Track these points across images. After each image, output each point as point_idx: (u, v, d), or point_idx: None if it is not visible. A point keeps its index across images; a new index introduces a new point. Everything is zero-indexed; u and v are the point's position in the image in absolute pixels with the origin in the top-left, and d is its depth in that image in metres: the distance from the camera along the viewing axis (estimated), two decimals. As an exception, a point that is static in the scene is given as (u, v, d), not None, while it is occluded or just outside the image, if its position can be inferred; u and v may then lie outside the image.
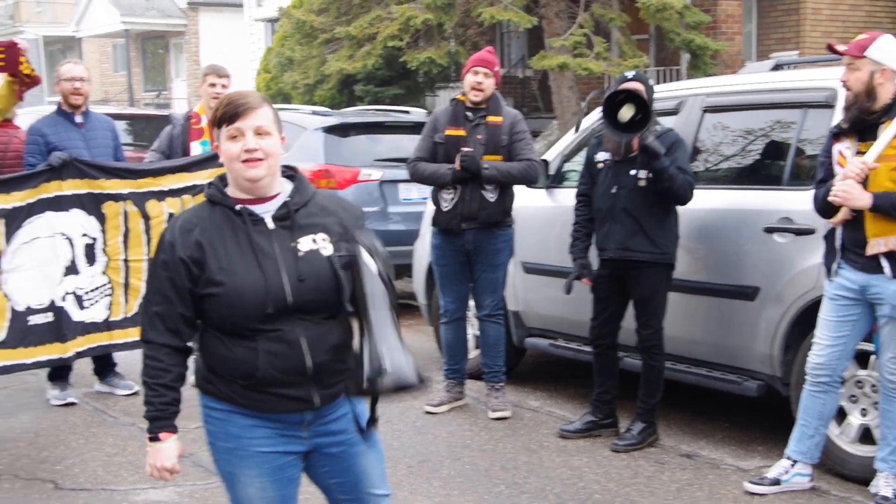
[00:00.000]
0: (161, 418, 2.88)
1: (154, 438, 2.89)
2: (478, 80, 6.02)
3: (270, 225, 2.86)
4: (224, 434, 2.91)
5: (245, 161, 2.81)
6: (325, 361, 2.84)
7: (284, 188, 2.93)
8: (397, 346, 2.72)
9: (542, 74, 17.67)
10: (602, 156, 5.61)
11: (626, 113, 5.24)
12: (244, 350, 2.81)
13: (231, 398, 2.87)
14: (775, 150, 5.71)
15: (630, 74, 5.52)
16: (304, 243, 2.85)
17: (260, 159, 2.81)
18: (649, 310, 5.47)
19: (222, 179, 2.92)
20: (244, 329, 2.80)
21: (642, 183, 5.40)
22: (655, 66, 16.83)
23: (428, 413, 6.16)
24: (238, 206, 2.86)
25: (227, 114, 2.83)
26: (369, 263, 2.78)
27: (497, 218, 6.05)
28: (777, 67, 6.06)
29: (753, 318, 5.32)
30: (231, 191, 2.90)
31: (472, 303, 6.41)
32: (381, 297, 2.76)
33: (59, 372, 6.55)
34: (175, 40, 34.76)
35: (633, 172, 5.43)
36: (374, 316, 2.73)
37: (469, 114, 6.06)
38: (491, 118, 6.03)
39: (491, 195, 6.00)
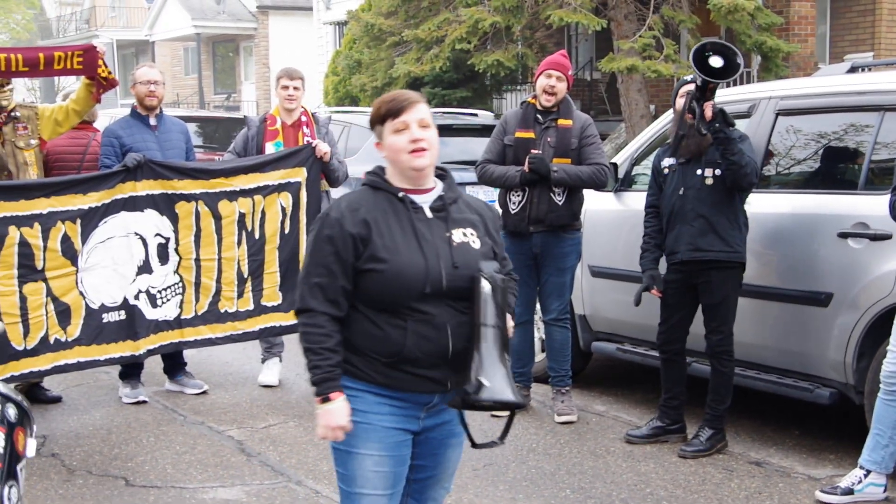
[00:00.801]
0: (330, 379, 2.99)
1: (325, 399, 2.98)
2: (551, 84, 5.99)
3: (428, 214, 3.03)
4: (351, 409, 3.01)
5: (412, 151, 3.00)
6: (463, 348, 2.97)
7: (437, 184, 3.13)
8: (499, 365, 2.89)
9: (609, 77, 17.56)
10: (668, 162, 5.57)
11: (714, 63, 5.25)
12: (393, 328, 2.97)
13: (369, 377, 3.01)
14: (850, 154, 5.61)
15: (690, 78, 5.49)
16: (457, 235, 3.05)
17: (425, 149, 3.01)
18: (719, 315, 5.40)
19: (382, 169, 3.11)
20: (398, 307, 2.95)
21: (709, 181, 5.36)
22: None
23: (493, 416, 6.15)
24: (401, 194, 3.04)
25: (393, 109, 3.03)
26: (487, 289, 2.94)
27: (565, 221, 6.02)
28: (853, 70, 5.96)
29: (826, 324, 5.23)
30: (390, 180, 3.08)
31: (538, 306, 6.39)
32: (493, 319, 2.92)
33: (131, 370, 6.66)
34: (245, 44, 35.22)
35: (699, 172, 5.39)
36: (483, 334, 2.91)
37: (539, 117, 6.04)
38: (561, 121, 6.01)
39: (559, 198, 5.97)
